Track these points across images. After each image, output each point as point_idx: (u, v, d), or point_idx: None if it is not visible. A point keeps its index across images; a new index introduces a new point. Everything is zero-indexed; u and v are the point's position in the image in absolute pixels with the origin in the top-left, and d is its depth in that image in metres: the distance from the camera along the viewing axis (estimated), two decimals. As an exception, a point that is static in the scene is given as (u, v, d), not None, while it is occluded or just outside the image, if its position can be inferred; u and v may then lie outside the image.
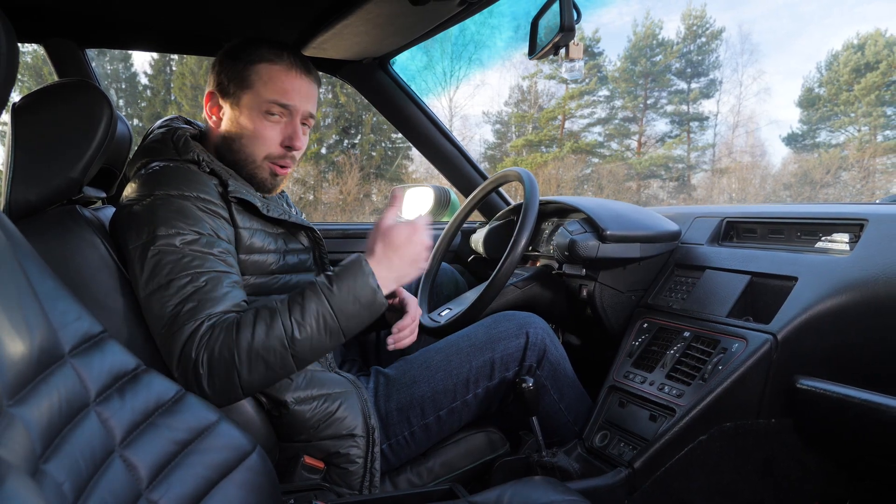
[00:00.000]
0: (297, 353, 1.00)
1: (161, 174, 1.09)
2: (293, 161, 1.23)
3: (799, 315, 1.17)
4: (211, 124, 1.22)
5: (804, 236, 1.35)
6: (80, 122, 1.05)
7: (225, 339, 0.97)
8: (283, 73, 1.17)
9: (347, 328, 1.04)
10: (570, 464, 1.25)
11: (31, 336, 0.64)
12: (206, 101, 1.22)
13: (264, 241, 1.16)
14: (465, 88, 30.80)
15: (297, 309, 1.00)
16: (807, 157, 22.48)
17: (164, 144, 1.16)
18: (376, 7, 1.28)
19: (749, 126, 23.60)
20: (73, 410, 0.68)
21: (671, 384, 1.27)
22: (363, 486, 1.17)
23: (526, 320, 1.35)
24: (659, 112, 24.05)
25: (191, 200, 1.07)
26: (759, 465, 1.22)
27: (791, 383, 1.17)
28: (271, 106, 1.16)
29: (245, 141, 1.18)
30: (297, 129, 1.19)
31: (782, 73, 28.40)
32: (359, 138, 22.68)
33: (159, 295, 1.00)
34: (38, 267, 0.73)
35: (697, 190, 23.39)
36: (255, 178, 1.21)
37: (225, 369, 0.97)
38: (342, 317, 1.02)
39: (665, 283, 1.51)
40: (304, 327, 1.00)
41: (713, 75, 23.66)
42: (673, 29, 27.11)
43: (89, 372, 0.73)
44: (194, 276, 1.01)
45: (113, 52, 19.42)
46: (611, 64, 24.41)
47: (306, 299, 1.01)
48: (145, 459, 0.75)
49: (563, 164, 23.55)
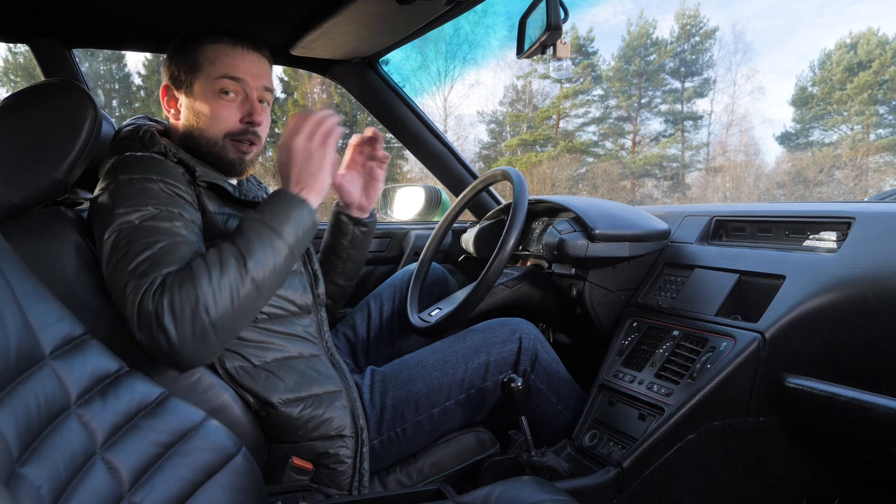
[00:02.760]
0: (257, 280, 0.98)
1: (125, 161, 1.08)
2: (257, 139, 1.21)
3: (787, 314, 1.17)
4: (171, 118, 1.22)
5: (792, 235, 1.35)
6: (64, 122, 1.04)
7: (182, 282, 0.93)
8: (230, 49, 1.16)
9: (294, 245, 1.03)
10: (559, 463, 1.25)
11: (9, 338, 0.63)
12: (163, 97, 1.22)
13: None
14: (459, 88, 30.80)
15: (239, 238, 1.00)
16: (800, 155, 22.59)
17: (131, 140, 1.15)
18: (364, 6, 1.28)
19: (743, 125, 23.72)
20: (53, 413, 0.68)
21: (660, 383, 1.27)
22: (352, 487, 1.17)
23: (518, 326, 1.37)
24: (653, 111, 24.14)
25: (153, 182, 1.05)
26: (749, 464, 1.22)
27: (779, 381, 1.17)
28: (222, 82, 1.15)
29: (203, 125, 1.17)
30: (255, 105, 1.18)
31: (776, 72, 28.56)
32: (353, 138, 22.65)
33: (119, 268, 0.96)
34: (17, 268, 0.72)
35: (692, 189, 23.47)
36: (222, 160, 1.19)
37: (190, 309, 0.92)
38: (285, 231, 1.02)
39: (654, 282, 1.52)
40: (251, 251, 0.98)
41: (707, 74, 23.78)
42: (667, 28, 27.25)
43: (70, 374, 0.73)
44: (150, 244, 0.98)
45: (106, 52, 19.36)
46: (605, 63, 24.47)
47: (244, 230, 1.01)
48: (127, 462, 0.74)
49: (557, 163, 23.60)
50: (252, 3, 1.37)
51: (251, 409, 1.13)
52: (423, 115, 1.94)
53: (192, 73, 1.16)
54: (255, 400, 1.12)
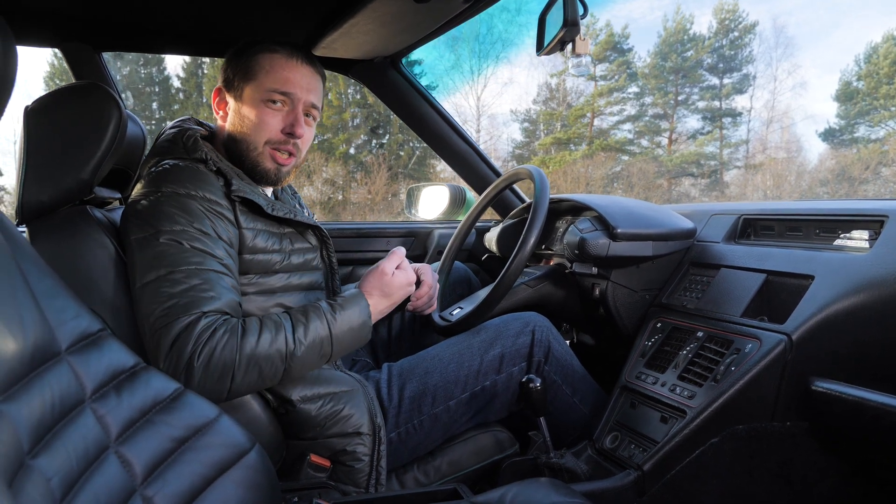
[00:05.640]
0: (291, 368, 1.06)
1: (169, 172, 1.11)
2: (297, 151, 1.23)
3: (814, 315, 1.13)
4: (219, 120, 1.24)
5: (823, 233, 1.31)
6: (89, 123, 1.07)
7: (229, 341, 0.98)
8: (284, 61, 1.18)
9: (336, 354, 1.12)
10: (577, 465, 1.24)
11: (25, 333, 0.65)
12: (214, 98, 1.24)
13: (268, 241, 1.16)
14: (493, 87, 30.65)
15: (301, 328, 1.07)
16: (845, 152, 21.86)
17: (174, 144, 1.17)
18: (381, 6, 1.29)
19: (784, 121, 23.05)
20: (67, 407, 0.69)
21: (683, 385, 1.24)
22: (369, 485, 1.18)
23: (531, 318, 1.38)
24: (690, 108, 23.63)
25: (196, 200, 1.08)
26: (774, 470, 1.19)
27: (806, 385, 1.13)
28: (272, 94, 1.17)
29: (247, 129, 1.19)
30: (299, 118, 1.20)
31: (819, 67, 27.62)
32: (387, 138, 22.78)
33: (155, 286, 1.01)
34: (36, 266, 0.74)
35: (731, 187, 22.92)
36: (259, 166, 1.21)
37: (221, 370, 0.98)
38: (337, 344, 1.11)
39: (680, 282, 1.48)
40: (304, 346, 1.06)
41: (746, 70, 23.17)
42: (704, 23, 26.65)
43: (86, 369, 0.75)
44: (192, 273, 1.02)
45: (146, 56, 19.83)
46: (640, 60, 24.08)
47: (310, 321, 1.09)
48: (141, 456, 0.76)
49: (592, 162, 23.32)
50: (273, 5, 1.38)
51: (270, 406, 1.14)
52: (446, 113, 1.93)
53: (245, 78, 1.18)
54: (273, 397, 1.14)
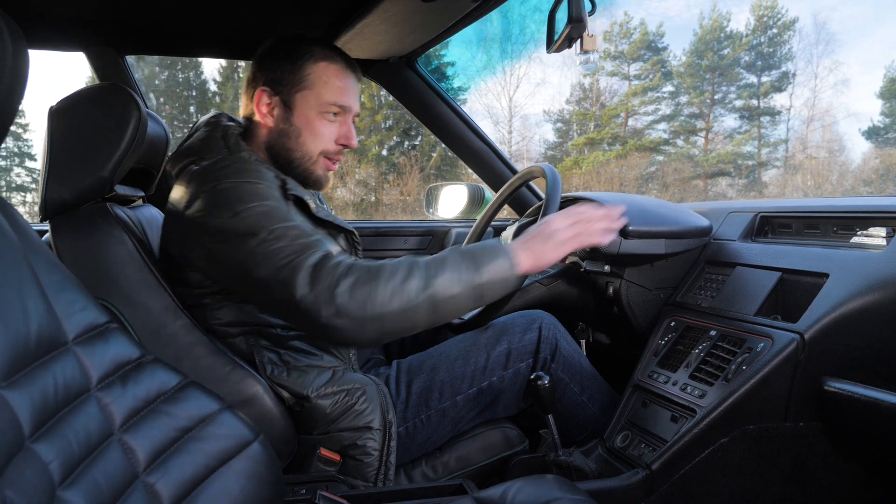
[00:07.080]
0: (435, 291, 1.01)
1: (222, 167, 1.10)
2: (342, 157, 1.28)
3: (828, 313, 1.11)
4: (261, 120, 1.22)
5: (840, 231, 1.28)
6: (110, 123, 1.11)
7: (369, 269, 0.99)
8: (342, 73, 1.21)
9: (484, 278, 1.04)
10: (586, 463, 1.23)
11: (29, 323, 0.68)
12: (257, 99, 1.21)
13: None
14: (525, 87, 30.54)
15: (435, 257, 1.05)
16: (890, 151, 21.17)
17: (214, 142, 1.18)
18: (392, 6, 1.30)
19: (825, 120, 22.42)
20: (72, 395, 0.72)
21: (694, 384, 1.22)
22: (378, 479, 1.19)
23: (537, 316, 1.38)
24: (727, 107, 23.15)
25: (260, 185, 1.08)
26: (786, 471, 1.17)
27: (819, 385, 1.11)
28: (330, 107, 1.20)
29: (303, 139, 1.20)
30: (352, 128, 1.24)
31: (862, 64, 26.75)
32: (419, 139, 22.86)
33: (263, 248, 1.00)
34: (46, 261, 0.77)
35: (769, 187, 22.38)
36: (311, 174, 1.23)
37: (364, 295, 0.97)
38: (480, 265, 1.04)
39: (695, 281, 1.46)
40: (444, 265, 1.02)
41: (785, 68, 22.60)
42: (742, 20, 26.11)
43: (92, 359, 0.77)
44: (293, 227, 1.03)
45: (184, 60, 20.30)
46: (675, 59, 23.69)
47: (444, 253, 1.06)
48: (144, 444, 0.78)
49: (626, 162, 23.03)
50: (288, 6, 1.41)
51: (283, 402, 1.16)
52: (463, 113, 1.94)
53: (299, 86, 1.19)
54: (289, 395, 1.15)
